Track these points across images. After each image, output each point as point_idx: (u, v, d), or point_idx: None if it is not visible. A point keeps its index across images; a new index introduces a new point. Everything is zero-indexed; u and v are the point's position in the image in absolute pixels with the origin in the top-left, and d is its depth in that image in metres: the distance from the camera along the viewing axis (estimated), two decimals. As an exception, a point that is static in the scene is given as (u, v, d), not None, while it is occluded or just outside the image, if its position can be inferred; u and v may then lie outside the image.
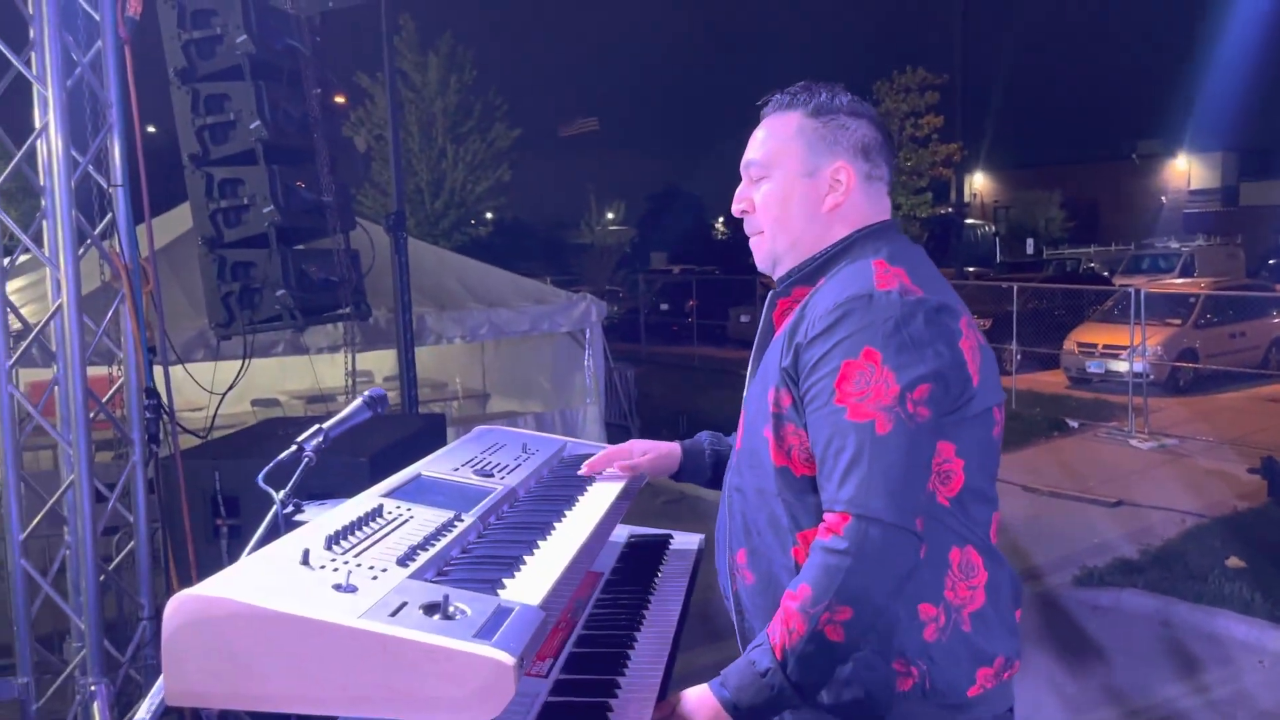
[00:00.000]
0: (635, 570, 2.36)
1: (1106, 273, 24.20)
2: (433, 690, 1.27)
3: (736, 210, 1.90)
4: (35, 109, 3.76)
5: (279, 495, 1.87)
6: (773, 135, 1.84)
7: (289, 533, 1.66)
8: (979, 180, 46.01)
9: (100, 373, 4.47)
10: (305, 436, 1.96)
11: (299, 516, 1.87)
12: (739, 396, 1.94)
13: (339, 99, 5.85)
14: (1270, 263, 25.30)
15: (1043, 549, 6.88)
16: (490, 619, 1.36)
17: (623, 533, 2.58)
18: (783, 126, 1.83)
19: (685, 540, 2.58)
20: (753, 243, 1.90)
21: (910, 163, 27.41)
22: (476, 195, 26.21)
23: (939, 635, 1.66)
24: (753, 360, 1.89)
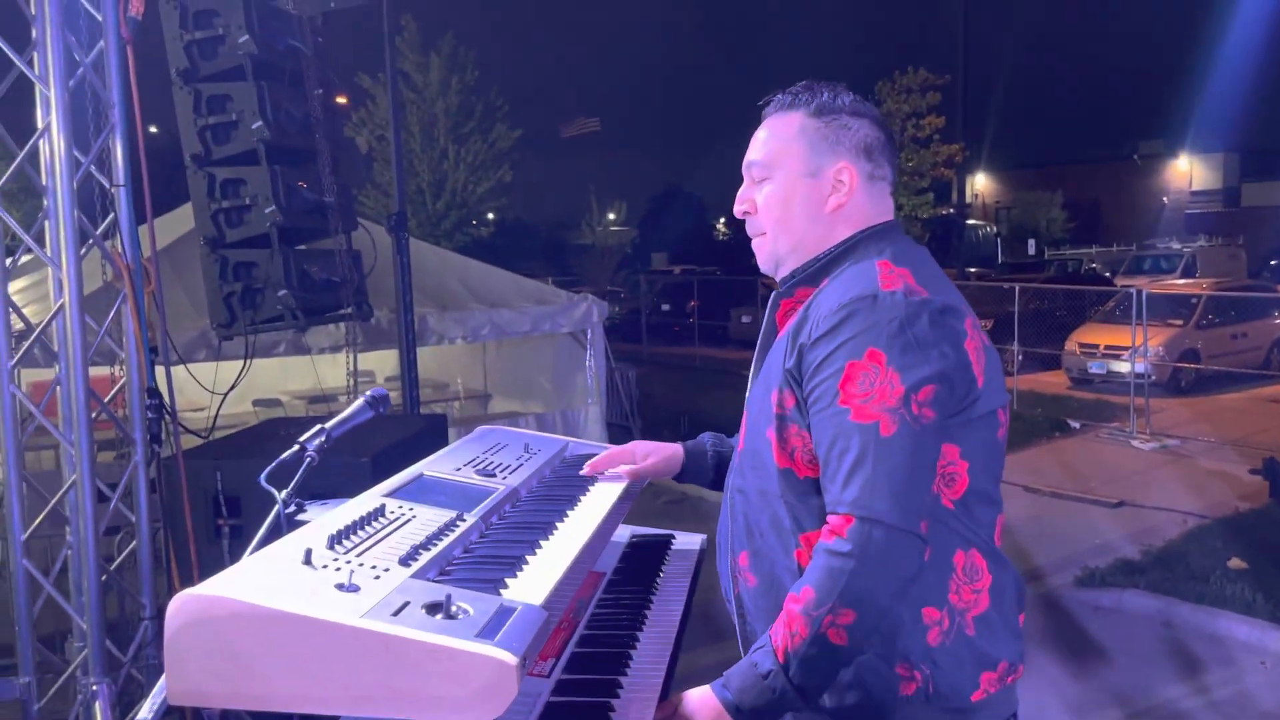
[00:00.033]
0: (637, 570, 2.36)
1: (1108, 273, 24.22)
2: (435, 690, 1.27)
3: (738, 211, 1.89)
4: (38, 109, 3.77)
5: (281, 495, 1.87)
6: (774, 135, 1.83)
7: (291, 532, 1.66)
8: (980, 181, 46.01)
9: (102, 373, 4.47)
10: (307, 436, 1.96)
11: (301, 516, 1.87)
12: (740, 397, 1.93)
13: (341, 99, 5.85)
14: (1272, 263, 25.23)
15: (1044, 550, 6.88)
16: (493, 619, 1.35)
17: (624, 533, 2.58)
18: (784, 127, 1.82)
19: (687, 540, 2.58)
20: (755, 244, 1.88)
21: (912, 163, 27.43)
22: (478, 196, 26.25)
23: (943, 639, 1.65)
24: (755, 361, 1.88)
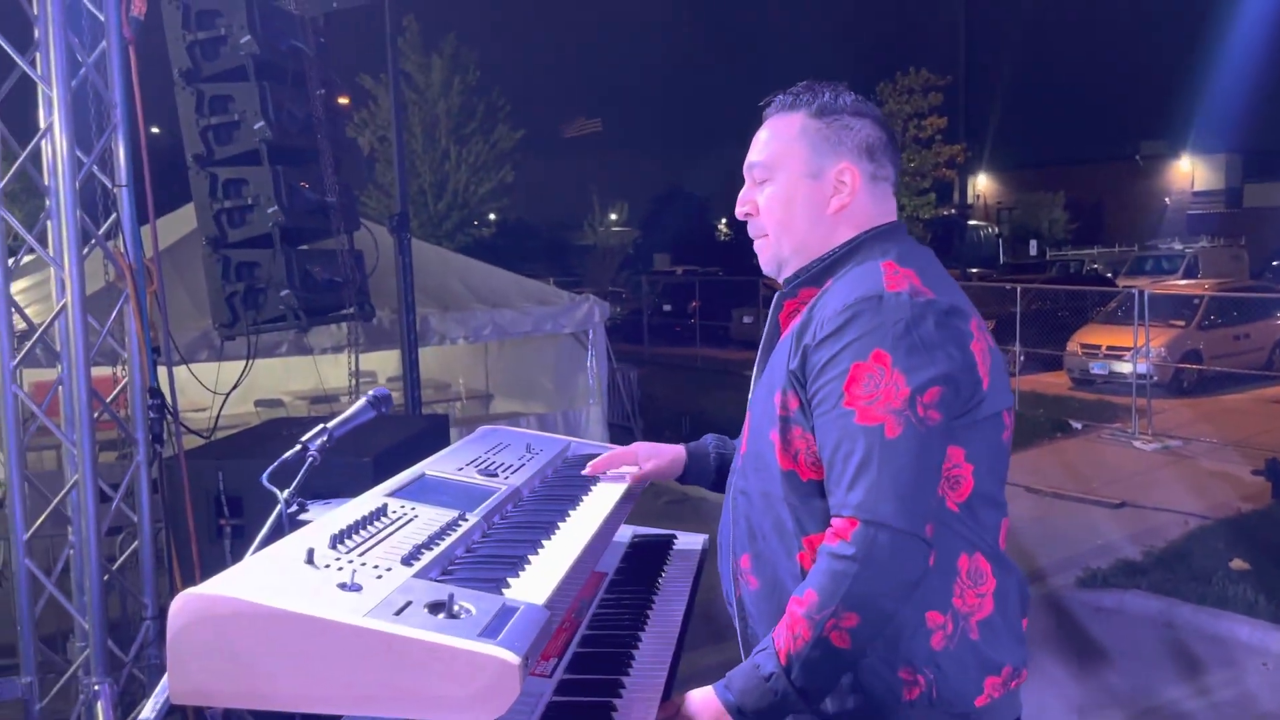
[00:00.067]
0: (639, 570, 2.36)
1: (1110, 274, 24.21)
2: (438, 689, 1.27)
3: (740, 213, 1.87)
4: (40, 109, 3.77)
5: (283, 494, 1.87)
6: (776, 136, 1.82)
7: (293, 532, 1.66)
8: (982, 181, 46.03)
9: (104, 373, 4.47)
10: (310, 436, 1.96)
11: (303, 516, 1.87)
12: (742, 398, 1.91)
13: (343, 100, 5.86)
14: (1274, 264, 25.20)
15: (1046, 550, 6.87)
16: (495, 618, 1.35)
17: (626, 533, 2.58)
18: (786, 127, 1.80)
19: (689, 540, 2.58)
20: (757, 246, 1.87)
21: (913, 164, 27.43)
22: (480, 196, 26.24)
23: (946, 643, 1.64)
24: (758, 362, 1.86)
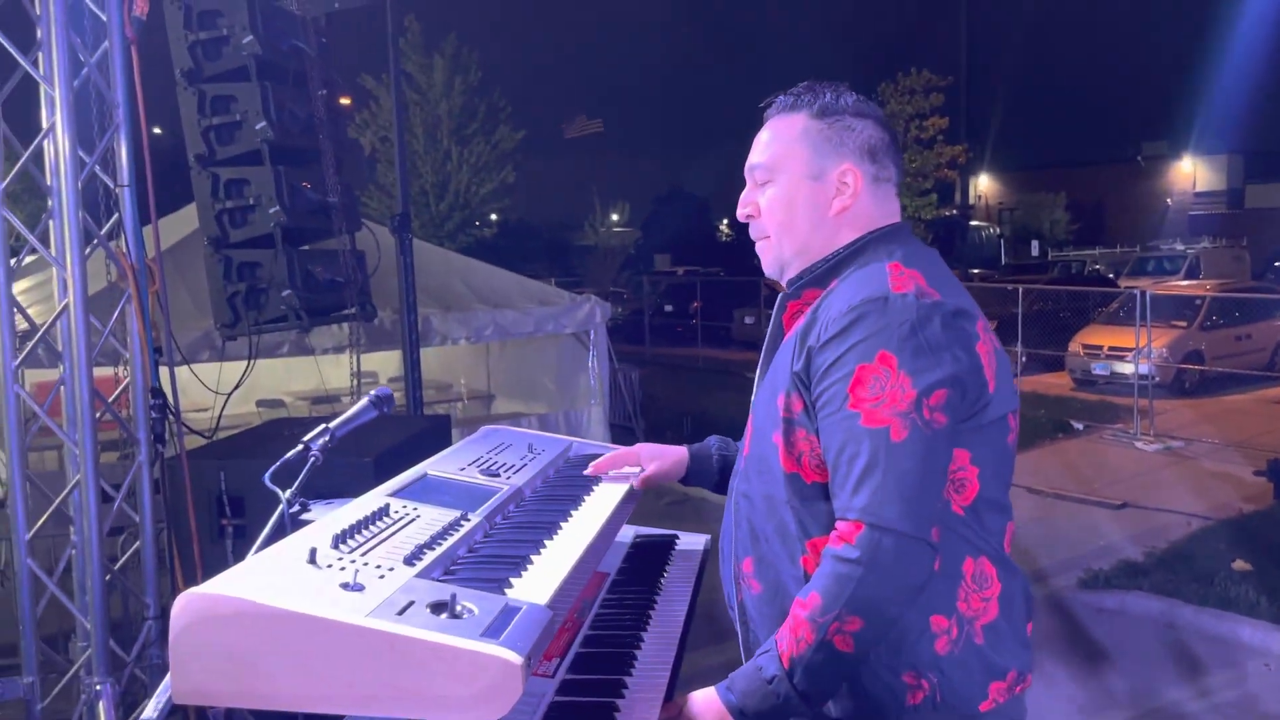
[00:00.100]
0: (641, 570, 2.36)
1: (1111, 275, 24.19)
2: (440, 689, 1.27)
3: (742, 215, 1.86)
4: (42, 109, 3.77)
5: (286, 494, 1.87)
6: (777, 138, 1.80)
7: (295, 531, 1.66)
8: (984, 182, 46.03)
9: (106, 373, 4.47)
10: (312, 436, 1.95)
11: (305, 515, 1.87)
12: (743, 398, 1.90)
13: (344, 100, 5.86)
14: (1276, 265, 25.15)
15: (1047, 551, 6.87)
16: (498, 618, 1.35)
17: (628, 533, 2.58)
18: (787, 128, 1.79)
19: (691, 540, 2.58)
20: (759, 248, 1.85)
21: (915, 165, 27.39)
22: (481, 197, 26.26)
23: (951, 648, 1.62)
24: (761, 364, 1.85)
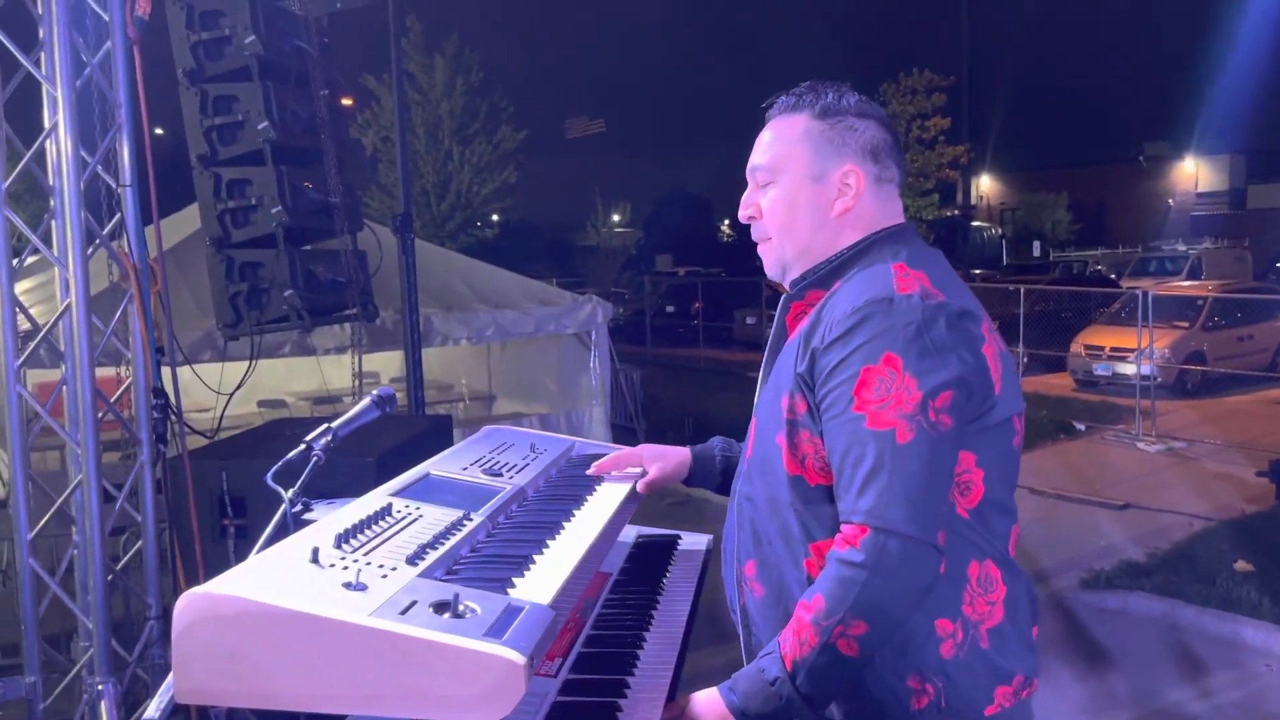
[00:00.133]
0: (643, 570, 2.35)
1: (1113, 275, 24.18)
2: (443, 689, 1.27)
3: (743, 216, 1.85)
4: (44, 109, 3.77)
5: (288, 494, 1.87)
6: (778, 138, 1.79)
7: (298, 531, 1.66)
8: (985, 182, 46.00)
9: (108, 373, 4.47)
10: (314, 435, 1.95)
11: (308, 515, 1.87)
12: (744, 399, 1.89)
13: (346, 100, 5.86)
14: (1278, 265, 25.18)
15: (1049, 552, 6.86)
16: (500, 618, 1.35)
17: (630, 533, 2.58)
18: (789, 129, 1.78)
19: (693, 540, 2.58)
20: (761, 249, 1.84)
21: (917, 165, 27.41)
22: (483, 197, 26.28)
23: (956, 652, 1.61)
24: (764, 365, 1.84)
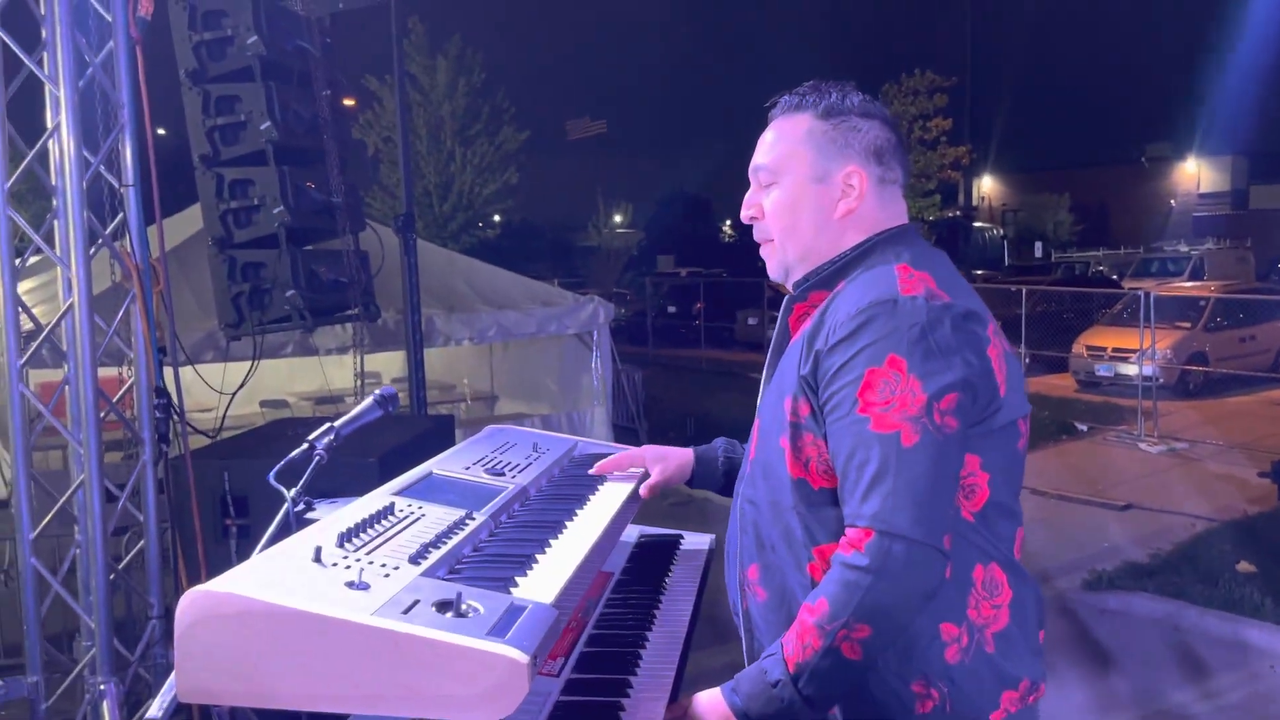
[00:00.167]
0: (646, 570, 2.35)
1: (1115, 276, 24.17)
2: (445, 688, 1.27)
3: (745, 217, 1.84)
4: (47, 109, 3.77)
5: (290, 493, 1.87)
6: (781, 139, 1.78)
7: (300, 530, 1.66)
8: (987, 183, 45.97)
9: (110, 373, 4.47)
10: (317, 434, 1.95)
11: (310, 514, 1.87)
12: (746, 399, 1.89)
13: (348, 101, 5.86)
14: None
15: (1052, 553, 6.86)
16: (503, 617, 1.35)
17: (633, 533, 2.57)
18: (792, 129, 1.77)
19: (696, 540, 2.57)
20: (763, 251, 1.83)
21: (919, 166, 27.39)
22: (484, 198, 26.27)
23: (961, 656, 1.59)
24: (767, 367, 1.82)
